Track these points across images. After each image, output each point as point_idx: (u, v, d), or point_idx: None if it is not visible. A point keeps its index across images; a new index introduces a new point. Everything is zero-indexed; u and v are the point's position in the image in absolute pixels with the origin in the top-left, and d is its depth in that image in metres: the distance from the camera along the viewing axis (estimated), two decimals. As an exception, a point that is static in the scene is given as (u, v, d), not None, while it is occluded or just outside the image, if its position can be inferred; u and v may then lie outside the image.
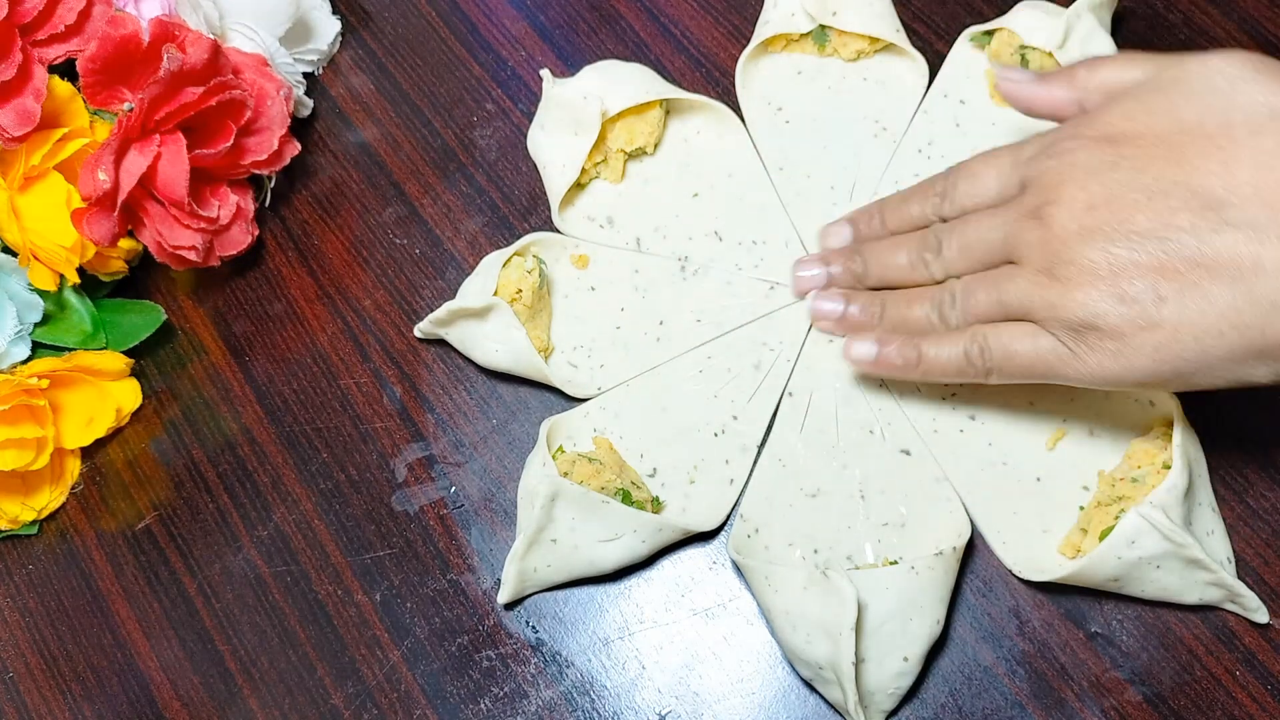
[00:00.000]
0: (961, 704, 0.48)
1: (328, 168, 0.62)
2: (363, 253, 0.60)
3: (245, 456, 0.56)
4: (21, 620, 0.54)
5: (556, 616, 0.51)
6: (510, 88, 0.63)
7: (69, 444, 0.55)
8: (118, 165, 0.51)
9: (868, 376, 0.53)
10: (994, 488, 0.50)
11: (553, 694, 0.50)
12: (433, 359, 0.57)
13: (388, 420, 0.56)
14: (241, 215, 0.58)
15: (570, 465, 0.50)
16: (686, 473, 0.52)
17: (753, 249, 0.56)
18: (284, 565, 0.54)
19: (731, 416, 0.53)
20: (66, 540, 0.56)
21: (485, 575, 0.52)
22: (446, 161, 0.61)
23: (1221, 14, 0.58)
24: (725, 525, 0.52)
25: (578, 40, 0.63)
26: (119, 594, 0.54)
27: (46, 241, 0.52)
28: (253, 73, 0.56)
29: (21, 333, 0.54)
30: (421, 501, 0.54)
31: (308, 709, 0.51)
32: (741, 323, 0.55)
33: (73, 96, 0.53)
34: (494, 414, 0.55)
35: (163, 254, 0.55)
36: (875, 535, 0.50)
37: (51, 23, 0.52)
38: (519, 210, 0.59)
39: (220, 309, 0.59)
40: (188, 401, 0.58)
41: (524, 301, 0.53)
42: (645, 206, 0.58)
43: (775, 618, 0.47)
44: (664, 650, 0.50)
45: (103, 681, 0.53)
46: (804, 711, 0.48)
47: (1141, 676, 0.47)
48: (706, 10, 0.63)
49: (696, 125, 0.59)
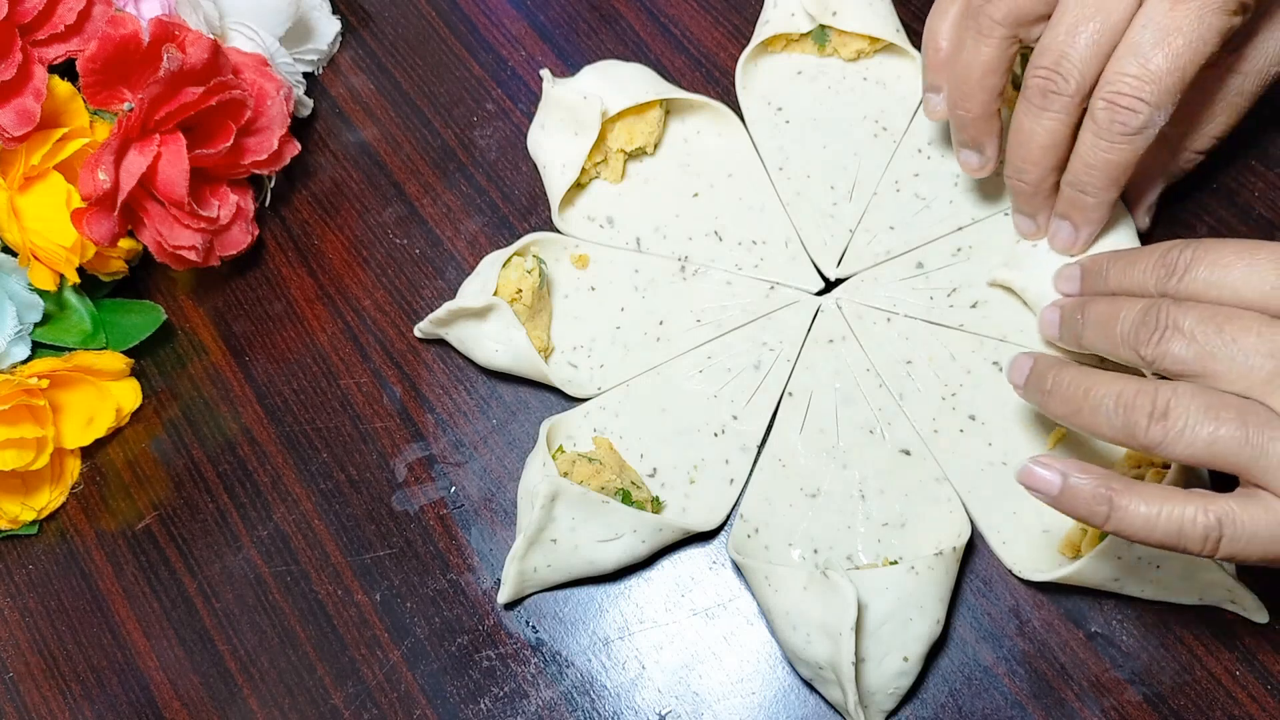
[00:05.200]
0: (961, 704, 0.48)
1: (328, 168, 0.62)
2: (363, 253, 0.60)
3: (245, 456, 0.56)
4: (21, 620, 0.54)
5: (556, 616, 0.51)
6: (510, 88, 0.63)
7: (69, 444, 0.55)
8: (118, 165, 0.51)
9: (867, 376, 0.53)
10: (994, 488, 0.50)
11: (553, 694, 0.50)
12: (433, 359, 0.57)
13: (388, 420, 0.56)
14: (241, 215, 0.58)
15: (570, 465, 0.50)
16: (686, 473, 0.52)
17: (753, 249, 0.56)
18: (284, 565, 0.54)
19: (731, 416, 0.53)
20: (66, 540, 0.56)
21: (485, 575, 0.52)
22: (446, 161, 0.61)
23: (1221, 14, 0.58)
24: (725, 525, 0.52)
25: (578, 40, 0.63)
26: (119, 594, 0.54)
27: (46, 241, 0.52)
28: (253, 73, 0.56)
29: (21, 333, 0.54)
30: (421, 501, 0.54)
31: (308, 709, 0.51)
32: (741, 323, 0.55)
33: (73, 96, 0.53)
34: (494, 414, 0.55)
35: (163, 254, 0.55)
36: (875, 535, 0.50)
37: (51, 23, 0.52)
38: (519, 210, 0.59)
39: (220, 309, 0.59)
40: (188, 401, 0.58)
41: (524, 301, 0.53)
42: (645, 206, 0.58)
43: (775, 618, 0.47)
44: (664, 650, 0.50)
45: (103, 681, 0.53)
46: (804, 711, 0.48)
47: (1141, 676, 0.47)
48: (706, 10, 0.63)
49: (696, 125, 0.59)
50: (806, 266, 0.56)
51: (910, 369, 0.53)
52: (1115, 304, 0.44)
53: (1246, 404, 0.38)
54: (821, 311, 0.55)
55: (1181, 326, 0.40)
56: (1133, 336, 0.42)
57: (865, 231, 0.55)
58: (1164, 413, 0.39)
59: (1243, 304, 0.40)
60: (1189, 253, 0.42)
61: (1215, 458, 0.38)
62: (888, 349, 0.53)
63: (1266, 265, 0.40)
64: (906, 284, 0.54)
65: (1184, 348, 0.40)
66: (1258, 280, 0.40)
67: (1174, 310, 0.41)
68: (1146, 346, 0.41)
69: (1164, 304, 0.41)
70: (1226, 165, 0.54)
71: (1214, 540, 0.38)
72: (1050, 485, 0.41)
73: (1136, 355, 0.42)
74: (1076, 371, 0.43)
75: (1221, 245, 0.41)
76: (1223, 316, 0.40)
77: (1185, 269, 0.42)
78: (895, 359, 0.53)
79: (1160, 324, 0.41)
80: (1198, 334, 0.40)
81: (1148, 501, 0.39)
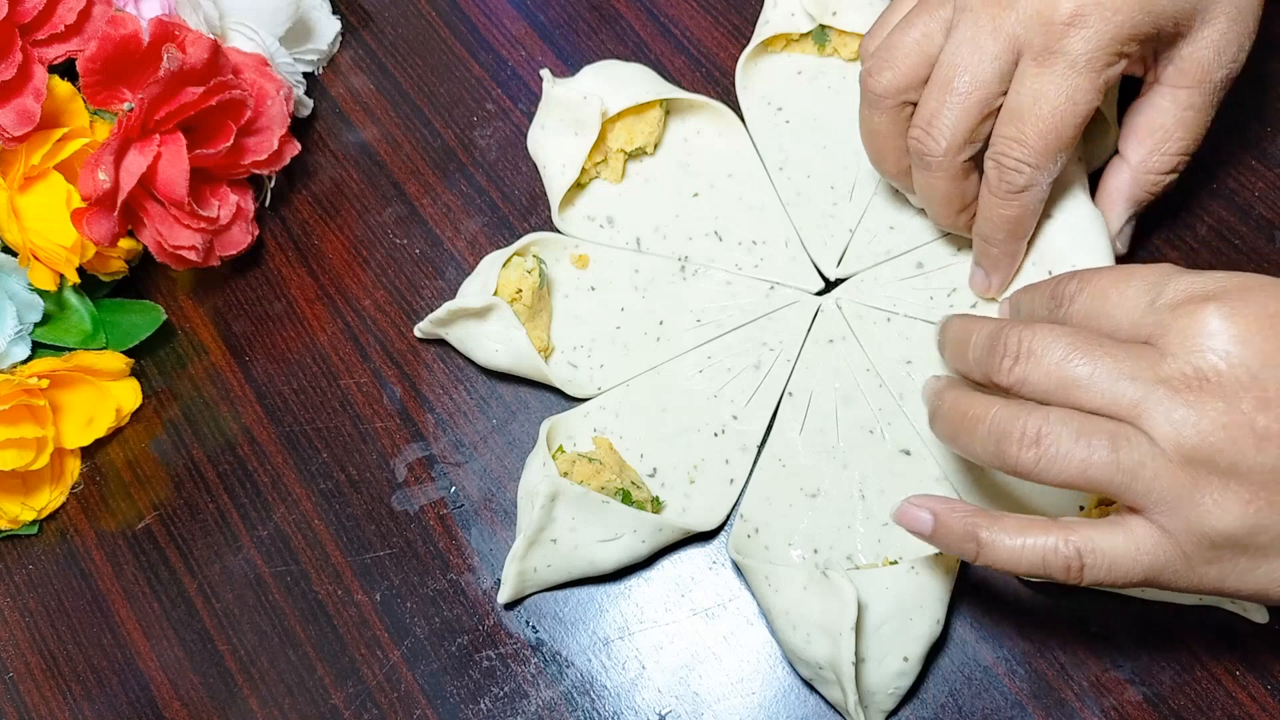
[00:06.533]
0: (961, 704, 0.48)
1: (328, 168, 0.62)
2: (363, 253, 0.60)
3: (245, 456, 0.56)
4: (21, 620, 0.54)
5: (556, 616, 0.51)
6: (510, 88, 0.63)
7: (69, 444, 0.55)
8: (118, 165, 0.51)
9: (867, 376, 0.53)
10: (994, 487, 0.50)
11: (553, 694, 0.50)
12: (433, 359, 0.57)
13: (388, 420, 0.56)
14: (241, 215, 0.58)
15: (570, 465, 0.50)
16: (686, 473, 0.52)
17: (753, 249, 0.56)
18: (284, 565, 0.54)
19: (731, 416, 0.53)
20: (66, 540, 0.56)
21: (485, 575, 0.52)
22: (446, 161, 0.61)
23: (1221, 14, 0.58)
24: (725, 525, 0.52)
25: (578, 40, 0.63)
26: (119, 594, 0.54)
27: (46, 241, 0.52)
28: (253, 73, 0.56)
29: (21, 333, 0.54)
30: (421, 501, 0.54)
31: (308, 709, 0.51)
32: (741, 323, 0.55)
33: (73, 96, 0.53)
34: (494, 414, 0.55)
35: (163, 254, 0.55)
36: (875, 535, 0.50)
37: (51, 23, 0.52)
38: (519, 210, 0.59)
39: (220, 309, 0.59)
40: (188, 401, 0.58)
41: (524, 301, 0.53)
42: (645, 206, 0.58)
43: (775, 618, 0.47)
44: (664, 650, 0.50)
45: (103, 681, 0.53)
46: (804, 711, 0.48)
47: (1141, 676, 0.47)
48: (706, 10, 0.63)
49: (696, 125, 0.59)
50: (806, 266, 0.56)
51: (910, 369, 0.53)
52: (966, 326, 0.43)
53: (1118, 428, 0.37)
54: (821, 311, 0.55)
55: (1035, 351, 0.39)
56: (984, 361, 0.41)
57: (865, 231, 0.55)
58: (1035, 439, 0.38)
59: (1117, 330, 0.40)
60: (1074, 284, 0.42)
61: (1089, 483, 0.38)
62: (888, 349, 0.53)
63: (1136, 292, 0.39)
64: (906, 284, 0.54)
65: (1044, 377, 0.39)
66: (1129, 306, 0.39)
67: (1025, 334, 0.40)
68: (1000, 374, 0.40)
69: (1011, 327, 0.40)
70: (1226, 165, 0.54)
71: (1076, 570, 0.38)
72: (924, 525, 0.41)
73: (992, 383, 0.41)
74: (956, 394, 0.42)
75: (1099, 274, 0.41)
76: (1082, 340, 0.39)
77: (1070, 299, 0.42)
78: (895, 359, 0.53)
79: (1009, 350, 0.40)
80: (1058, 360, 0.39)
81: (1011, 535, 0.39)
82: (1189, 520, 0.36)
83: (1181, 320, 0.37)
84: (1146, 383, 0.37)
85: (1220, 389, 0.36)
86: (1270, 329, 0.36)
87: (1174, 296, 0.38)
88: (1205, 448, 0.36)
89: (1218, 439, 0.36)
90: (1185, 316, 0.37)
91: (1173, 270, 0.39)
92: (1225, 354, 0.36)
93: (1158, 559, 0.37)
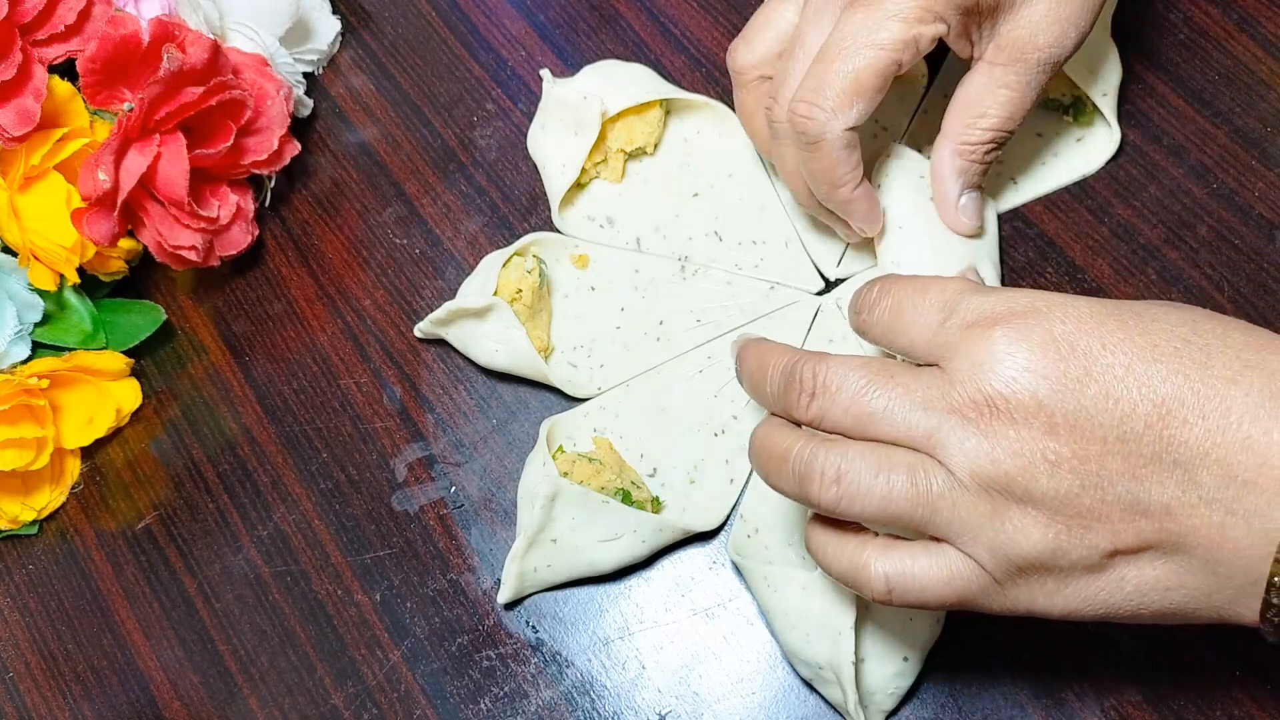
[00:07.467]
0: (961, 704, 0.48)
1: (328, 168, 0.62)
2: (363, 253, 0.60)
3: (245, 456, 0.56)
4: (21, 620, 0.55)
5: (556, 616, 0.51)
6: (510, 88, 0.62)
7: (69, 444, 0.55)
8: (118, 165, 0.51)
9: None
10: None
11: (553, 694, 0.50)
12: (433, 359, 0.57)
13: (388, 420, 0.56)
14: (241, 215, 0.58)
15: (570, 465, 0.50)
16: (686, 473, 0.52)
17: (753, 249, 0.56)
18: (284, 565, 0.54)
19: (731, 416, 0.53)
20: (66, 540, 0.56)
21: (485, 575, 0.52)
22: (446, 161, 0.61)
23: (1221, 13, 0.58)
24: (725, 525, 0.52)
25: (578, 40, 0.63)
26: (119, 594, 0.54)
27: (46, 241, 0.52)
28: (253, 73, 0.56)
29: (21, 333, 0.54)
30: (421, 501, 0.54)
31: (308, 709, 0.51)
32: (741, 323, 0.55)
33: (73, 96, 0.53)
34: (494, 414, 0.55)
35: (163, 254, 0.55)
36: (875, 535, 0.50)
37: (51, 23, 0.52)
38: (519, 210, 0.59)
39: (220, 309, 0.59)
40: (188, 401, 0.58)
41: (524, 301, 0.53)
42: (645, 206, 0.58)
43: (775, 618, 0.47)
44: (664, 650, 0.50)
45: (103, 681, 0.53)
46: (804, 711, 0.48)
47: (1141, 677, 0.47)
48: (706, 10, 0.63)
49: (696, 125, 0.59)
50: (807, 266, 0.56)
51: (910, 369, 0.53)
52: (761, 358, 0.42)
53: (917, 460, 0.37)
54: (822, 311, 0.55)
55: (830, 387, 0.39)
56: (781, 399, 0.41)
57: (865, 231, 0.55)
58: (836, 478, 0.38)
59: (911, 348, 0.39)
60: (875, 292, 0.41)
61: (892, 517, 0.37)
62: (888, 349, 0.53)
63: (930, 309, 0.39)
64: (906, 284, 0.54)
65: (842, 413, 0.38)
66: (922, 324, 0.39)
67: (819, 369, 0.39)
68: (798, 410, 0.40)
69: (805, 361, 0.40)
70: (1226, 165, 0.54)
71: (884, 594, 0.38)
72: None
73: (792, 418, 0.41)
74: (765, 429, 0.41)
75: (899, 284, 0.40)
76: (875, 371, 0.38)
77: (869, 308, 0.41)
78: (895, 359, 0.53)
79: (804, 386, 0.39)
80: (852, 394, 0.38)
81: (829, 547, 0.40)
82: (993, 546, 0.36)
83: (969, 344, 0.37)
84: (939, 412, 0.37)
85: (1009, 416, 0.36)
86: (1056, 353, 0.36)
87: (964, 317, 0.38)
88: (1000, 476, 0.36)
89: (1010, 467, 0.36)
90: (973, 341, 0.37)
91: (966, 287, 0.39)
92: (1011, 380, 0.36)
93: (970, 584, 0.38)
